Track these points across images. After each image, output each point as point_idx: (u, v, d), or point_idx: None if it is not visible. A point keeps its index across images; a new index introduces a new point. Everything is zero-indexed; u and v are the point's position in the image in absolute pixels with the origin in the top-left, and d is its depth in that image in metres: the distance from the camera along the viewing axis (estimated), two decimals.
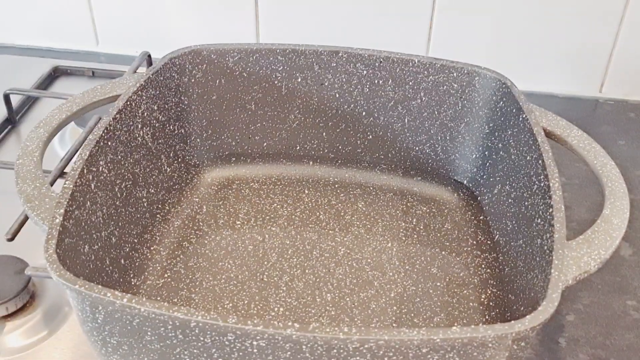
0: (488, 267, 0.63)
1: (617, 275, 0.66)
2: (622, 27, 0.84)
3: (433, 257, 0.64)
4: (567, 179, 0.76)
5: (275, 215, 0.68)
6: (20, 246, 0.62)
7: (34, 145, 0.59)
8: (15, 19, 0.96)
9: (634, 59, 0.87)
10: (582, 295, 0.64)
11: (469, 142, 0.69)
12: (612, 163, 0.59)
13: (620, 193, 0.56)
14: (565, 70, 0.89)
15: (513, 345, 0.45)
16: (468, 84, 0.67)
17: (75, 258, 0.52)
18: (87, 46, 0.97)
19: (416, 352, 0.43)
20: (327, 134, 0.72)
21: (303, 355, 0.44)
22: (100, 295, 0.45)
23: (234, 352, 0.45)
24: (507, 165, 0.64)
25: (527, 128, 0.60)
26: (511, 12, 0.85)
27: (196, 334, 0.44)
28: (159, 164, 0.67)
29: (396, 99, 0.70)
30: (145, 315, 0.44)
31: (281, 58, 0.69)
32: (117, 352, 0.49)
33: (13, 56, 0.95)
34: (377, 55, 0.68)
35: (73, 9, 0.94)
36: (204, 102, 0.70)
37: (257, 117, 0.72)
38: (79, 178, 0.54)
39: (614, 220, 0.53)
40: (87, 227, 0.54)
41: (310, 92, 0.70)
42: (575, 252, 0.50)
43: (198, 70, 0.69)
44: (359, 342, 0.43)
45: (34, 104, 0.86)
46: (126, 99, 0.61)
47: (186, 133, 0.70)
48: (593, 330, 0.61)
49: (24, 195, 0.54)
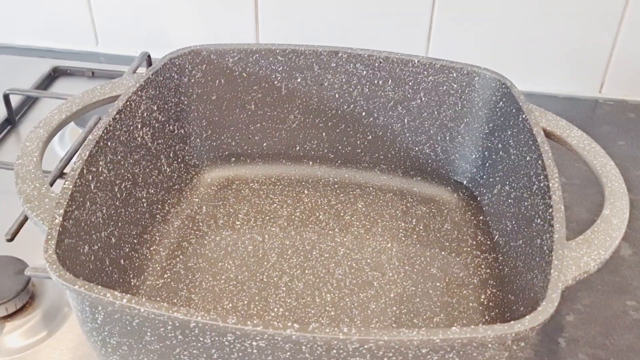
0: (488, 267, 0.63)
1: (617, 275, 0.66)
2: (622, 27, 0.84)
3: (433, 257, 0.64)
4: (567, 179, 0.76)
5: (275, 216, 0.68)
6: (20, 247, 0.62)
7: (33, 145, 0.59)
8: (15, 19, 0.96)
9: (633, 59, 0.87)
10: (581, 296, 0.64)
11: (469, 143, 0.69)
12: (612, 163, 0.59)
13: (620, 193, 0.56)
14: (565, 70, 0.89)
15: (513, 345, 0.45)
16: (468, 84, 0.67)
17: (75, 258, 0.52)
18: (87, 46, 0.97)
19: (416, 353, 0.43)
20: (327, 134, 0.72)
21: (303, 355, 0.44)
22: (100, 296, 0.45)
23: (233, 353, 0.45)
24: (506, 165, 0.64)
25: (526, 128, 0.60)
26: (511, 12, 0.85)
27: (196, 334, 0.44)
28: (159, 164, 0.67)
29: (396, 99, 0.70)
30: (145, 316, 0.44)
31: (281, 58, 0.69)
32: (117, 353, 0.49)
33: (13, 56, 0.95)
34: (377, 55, 0.68)
35: (73, 9, 0.94)
36: (203, 102, 0.70)
37: (257, 117, 0.72)
38: (79, 178, 0.54)
39: (613, 221, 0.53)
40: (87, 227, 0.54)
41: (310, 93, 0.70)
42: (575, 253, 0.50)
43: (198, 71, 0.69)
44: (358, 343, 0.43)
45: (34, 104, 0.86)
46: (126, 99, 0.61)
47: (186, 133, 0.70)
48: (593, 330, 0.60)
49: (23, 195, 0.54)
